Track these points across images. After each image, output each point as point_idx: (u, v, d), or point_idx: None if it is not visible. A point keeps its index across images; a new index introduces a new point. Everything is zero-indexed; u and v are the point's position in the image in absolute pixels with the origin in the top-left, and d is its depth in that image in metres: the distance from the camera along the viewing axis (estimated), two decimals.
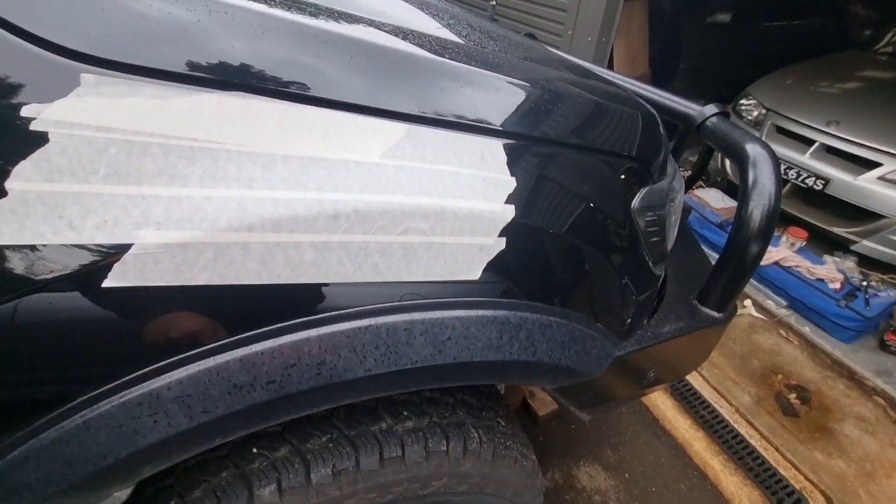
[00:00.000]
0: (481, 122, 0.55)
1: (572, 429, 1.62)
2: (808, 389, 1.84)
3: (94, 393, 0.42)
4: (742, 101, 2.88)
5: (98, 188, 0.38)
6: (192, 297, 0.42)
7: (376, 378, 0.50)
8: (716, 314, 0.85)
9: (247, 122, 0.43)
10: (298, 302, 0.46)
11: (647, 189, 0.71)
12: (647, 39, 3.43)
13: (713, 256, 0.98)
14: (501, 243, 0.54)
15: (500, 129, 0.57)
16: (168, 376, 0.43)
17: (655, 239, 0.74)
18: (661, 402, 1.72)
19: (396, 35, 0.58)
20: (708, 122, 0.96)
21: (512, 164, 0.56)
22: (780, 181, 0.79)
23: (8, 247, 0.36)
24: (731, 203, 2.63)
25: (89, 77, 0.38)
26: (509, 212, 0.54)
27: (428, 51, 0.57)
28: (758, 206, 0.76)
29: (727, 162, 2.90)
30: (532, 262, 0.58)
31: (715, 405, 1.72)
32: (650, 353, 0.78)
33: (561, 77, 0.78)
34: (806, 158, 2.44)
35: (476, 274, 0.53)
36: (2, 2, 0.36)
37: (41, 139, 0.36)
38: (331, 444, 0.63)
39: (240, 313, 0.45)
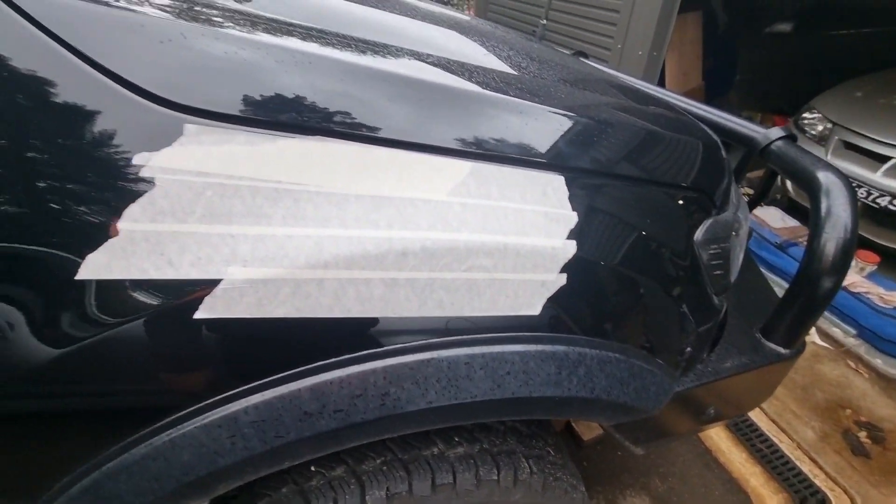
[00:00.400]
0: (543, 157, 0.56)
1: (618, 455, 1.57)
2: (882, 428, 1.70)
3: (180, 414, 0.46)
4: (805, 115, 2.73)
5: (194, 228, 0.42)
6: (270, 329, 0.45)
7: (437, 410, 0.51)
8: (782, 350, 0.81)
9: (324, 164, 0.46)
10: (366, 334, 0.48)
11: (710, 221, 0.69)
12: (700, 52, 3.32)
13: (772, 280, 0.94)
14: (562, 279, 0.54)
15: (562, 163, 0.57)
16: (245, 401, 0.46)
17: (719, 272, 0.71)
18: (714, 432, 1.64)
19: (460, 74, 0.59)
20: (773, 146, 0.92)
21: (574, 199, 0.56)
22: (856, 211, 0.75)
23: (117, 281, 0.40)
24: (793, 223, 2.49)
25: (191, 127, 0.41)
26: (571, 248, 0.54)
27: (490, 88, 0.58)
28: (831, 239, 0.72)
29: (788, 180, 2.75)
30: (592, 298, 0.58)
31: (774, 439, 1.62)
32: (711, 389, 0.75)
33: (621, 106, 0.78)
34: (878, 176, 2.28)
35: (537, 309, 0.53)
36: (118, 60, 0.40)
37: (148, 184, 0.40)
38: (385, 467, 0.65)
39: (312, 344, 0.47)
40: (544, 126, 0.58)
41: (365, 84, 0.49)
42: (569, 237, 0.54)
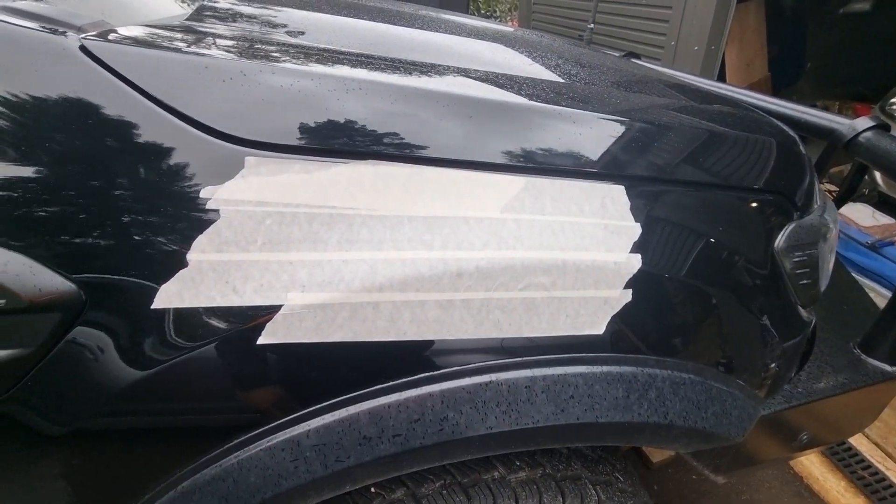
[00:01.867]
0: (600, 167, 0.53)
1: (693, 479, 1.45)
2: None
3: (247, 436, 0.47)
4: (894, 101, 2.46)
5: (256, 256, 0.43)
6: (329, 353, 0.45)
7: (498, 436, 0.49)
8: (887, 367, 0.72)
9: (376, 187, 0.46)
10: (423, 357, 0.47)
11: (792, 226, 0.62)
12: (764, 40, 3.11)
13: (866, 286, 0.83)
14: (627, 295, 0.51)
15: (621, 172, 0.54)
16: (307, 425, 0.47)
17: (805, 281, 0.64)
18: (805, 456, 1.48)
19: (508, 88, 0.58)
20: (861, 138, 0.83)
21: (636, 210, 0.52)
22: None
23: (187, 309, 0.42)
24: (885, 219, 2.23)
25: (251, 159, 0.43)
26: (635, 261, 0.51)
27: (539, 99, 0.57)
28: None
29: (877, 173, 2.48)
30: (661, 315, 0.54)
31: (878, 466, 1.43)
32: (803, 413, 0.68)
33: (680, 107, 0.73)
34: None
35: (600, 328, 0.50)
36: (185, 100, 0.42)
37: (214, 216, 0.42)
38: (444, 491, 0.63)
39: (369, 368, 0.47)
40: (599, 134, 0.56)
41: (413, 105, 0.49)
42: (632, 250, 0.51)
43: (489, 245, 0.47)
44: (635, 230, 0.52)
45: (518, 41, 1.00)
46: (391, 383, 0.47)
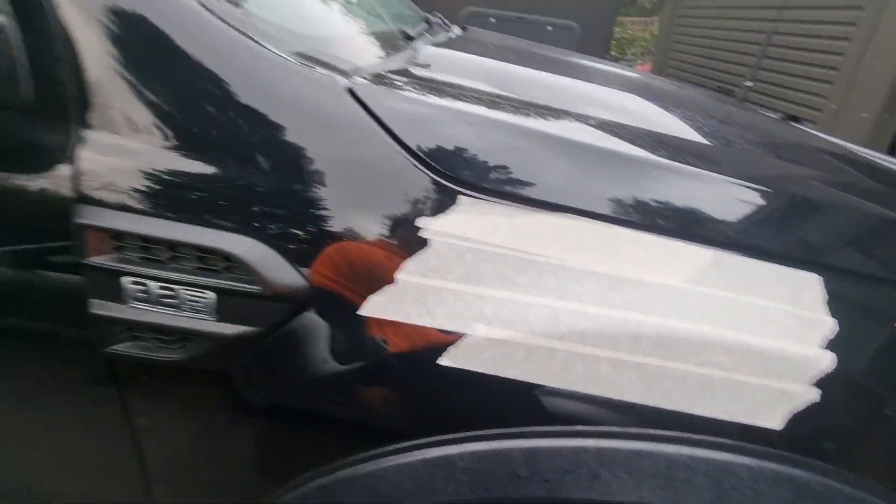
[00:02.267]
0: (797, 252, 0.51)
1: None
2: None
3: (409, 444, 0.51)
4: None
5: (452, 285, 0.48)
6: (497, 386, 0.48)
7: None
8: None
9: (568, 240, 0.49)
10: (586, 410, 0.48)
11: None
12: None
13: None
14: (813, 393, 0.47)
15: (820, 260, 0.51)
16: (463, 447, 0.50)
17: None
18: None
19: (705, 158, 0.58)
20: None
21: (833, 303, 0.49)
22: None
23: (386, 321, 0.48)
24: None
25: (464, 198, 0.48)
26: (826, 359, 0.47)
27: (739, 174, 0.56)
28: None
29: None
30: (849, 423, 0.49)
31: None
32: None
33: (879, 192, 0.67)
34: None
35: (777, 422, 0.47)
36: (419, 141, 0.49)
37: (424, 244, 0.48)
38: None
39: (532, 409, 0.49)
40: (798, 216, 0.53)
41: (615, 167, 0.52)
42: (824, 346, 0.48)
43: (670, 313, 0.47)
44: (830, 325, 0.48)
45: (687, 102, 0.99)
46: (550, 428, 0.49)
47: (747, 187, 0.54)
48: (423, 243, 0.48)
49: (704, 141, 0.69)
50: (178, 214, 0.47)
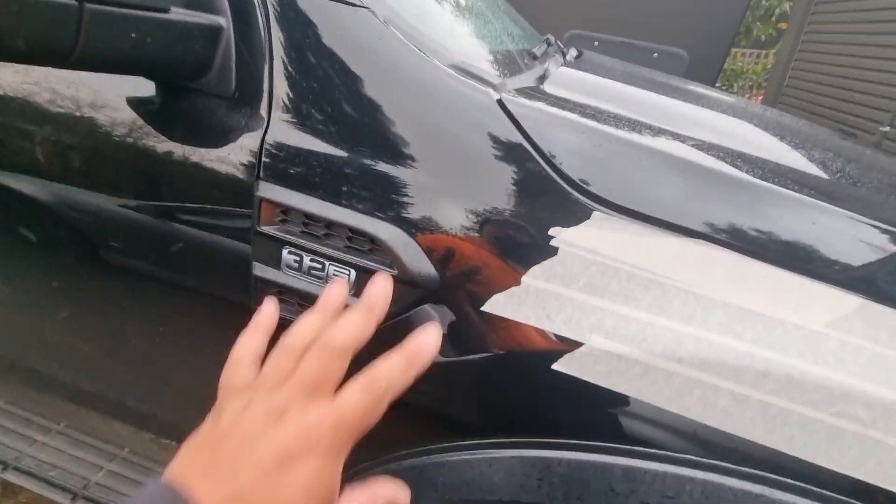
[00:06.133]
0: None
1: None
2: None
3: (508, 440, 0.53)
4: None
5: (574, 294, 0.50)
6: (608, 399, 0.49)
7: None
8: None
9: (698, 266, 0.49)
10: (696, 439, 0.48)
11: None
12: None
13: None
14: None
15: None
16: (563, 453, 0.51)
17: None
18: None
19: (856, 205, 0.55)
20: None
21: None
22: None
23: (508, 320, 0.51)
24: None
25: (598, 214, 0.50)
26: None
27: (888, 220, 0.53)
28: None
29: None
30: None
31: None
32: None
33: None
34: None
35: None
36: (561, 155, 0.51)
37: (553, 252, 0.50)
38: None
39: (639, 428, 0.49)
40: None
41: (751, 200, 0.51)
42: None
43: (805, 356, 0.45)
44: None
45: (825, 142, 0.93)
46: (655, 451, 0.48)
47: None
48: (552, 251, 0.50)
49: (852, 185, 0.66)
50: (337, 199, 0.53)
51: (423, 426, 0.59)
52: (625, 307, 0.49)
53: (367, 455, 0.60)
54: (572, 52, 1.25)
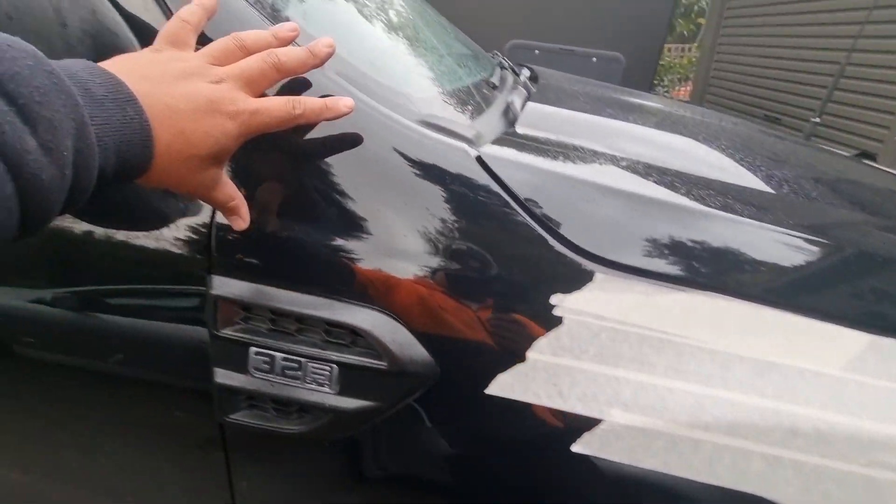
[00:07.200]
0: None
1: None
2: None
3: None
4: None
5: (585, 365, 0.45)
6: (635, 477, 0.45)
7: None
8: None
9: (709, 320, 0.46)
10: None
11: None
12: None
13: None
14: None
15: None
16: None
17: None
18: None
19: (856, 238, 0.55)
20: None
21: None
22: None
23: (517, 402, 0.46)
24: None
25: (600, 276, 0.46)
26: None
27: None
28: None
29: None
30: None
31: None
32: None
33: None
34: None
35: None
36: (556, 215, 0.47)
37: (557, 321, 0.45)
38: None
39: (674, 502, 0.45)
40: None
41: (754, 242, 0.49)
42: None
43: (829, 406, 0.43)
44: None
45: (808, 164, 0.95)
46: None
47: None
48: (556, 321, 0.46)
49: (845, 211, 0.66)
50: (308, 287, 0.46)
51: None
52: (641, 374, 0.45)
53: None
54: (524, 73, 1.23)
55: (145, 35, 0.44)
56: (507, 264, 0.47)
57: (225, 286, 0.46)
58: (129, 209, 0.49)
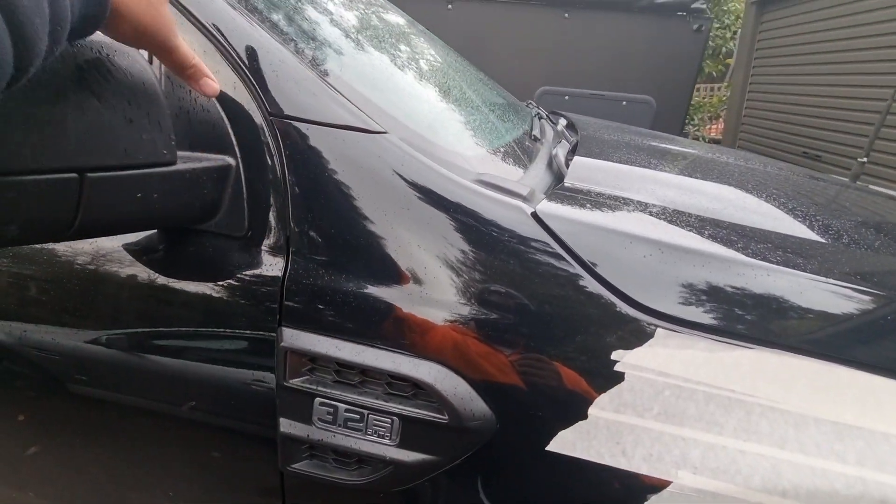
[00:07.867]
0: None
1: None
2: None
3: None
4: None
5: (650, 424, 0.44)
6: None
7: None
8: None
9: (779, 379, 0.44)
10: None
11: None
12: None
13: None
14: None
15: None
16: None
17: None
18: None
19: None
20: None
21: None
22: None
23: (579, 460, 0.45)
24: None
25: (661, 331, 0.46)
26: None
27: None
28: None
29: None
30: None
31: None
32: None
33: None
34: None
35: None
36: (613, 272, 0.48)
37: (619, 378, 0.45)
38: None
39: None
40: None
41: (824, 299, 0.48)
42: None
43: None
44: None
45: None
46: None
47: None
48: (617, 377, 0.45)
49: None
50: (372, 340, 0.48)
51: None
52: (709, 434, 0.44)
53: None
54: (561, 122, 1.27)
55: None
56: (567, 318, 0.47)
57: (293, 338, 0.48)
58: (203, 265, 0.53)
